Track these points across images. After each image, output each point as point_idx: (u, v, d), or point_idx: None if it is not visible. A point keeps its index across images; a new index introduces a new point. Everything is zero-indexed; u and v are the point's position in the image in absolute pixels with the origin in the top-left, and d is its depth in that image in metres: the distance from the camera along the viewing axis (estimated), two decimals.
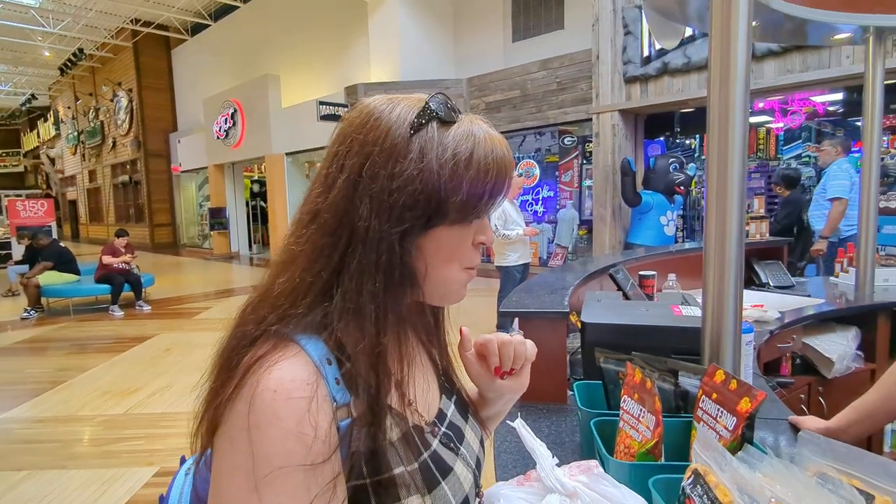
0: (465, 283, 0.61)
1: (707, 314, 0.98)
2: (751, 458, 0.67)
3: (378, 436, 0.52)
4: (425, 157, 0.54)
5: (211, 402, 0.51)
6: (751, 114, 9.13)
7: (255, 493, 0.46)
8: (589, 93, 8.41)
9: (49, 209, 12.28)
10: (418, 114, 0.55)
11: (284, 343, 0.51)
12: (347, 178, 0.54)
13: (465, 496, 0.59)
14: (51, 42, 17.22)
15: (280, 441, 0.46)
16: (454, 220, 0.56)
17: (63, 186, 25.23)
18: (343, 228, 0.54)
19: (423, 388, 0.64)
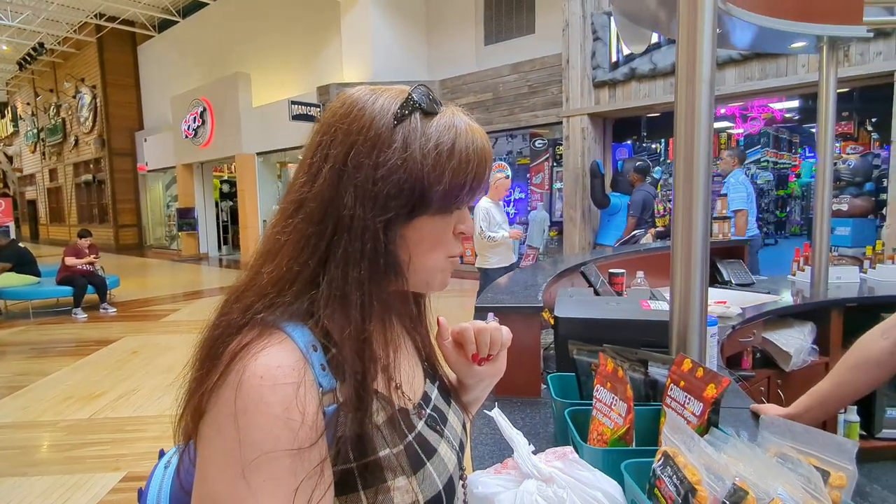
0: (448, 272, 0.63)
1: (675, 307, 1.03)
2: (716, 440, 0.71)
3: (364, 420, 0.53)
4: (409, 147, 0.55)
5: (195, 391, 0.51)
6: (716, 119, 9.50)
7: (243, 478, 0.46)
8: (559, 96, 8.55)
9: (6, 208, 11.84)
10: (401, 104, 0.57)
11: (270, 330, 0.52)
12: (332, 168, 0.55)
13: (449, 476, 0.60)
14: (9, 35, 16.61)
15: (267, 427, 0.47)
16: (437, 210, 0.57)
17: (21, 185, 24.37)
18: (328, 217, 0.55)
19: (409, 372, 0.66)
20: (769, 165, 12.48)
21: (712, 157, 1.03)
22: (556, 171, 9.48)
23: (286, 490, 0.47)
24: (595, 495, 0.71)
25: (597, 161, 8.03)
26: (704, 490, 0.63)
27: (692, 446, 0.68)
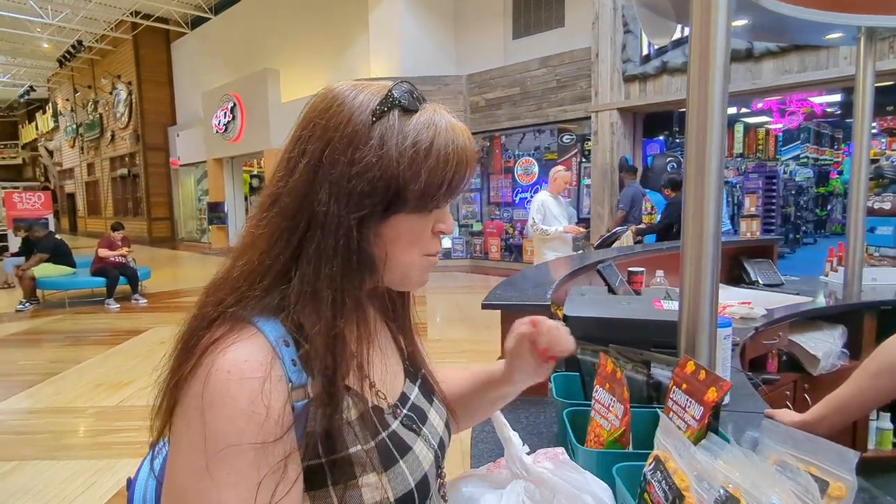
0: (425, 269, 0.63)
1: (684, 308, 0.99)
2: (713, 445, 0.69)
3: (334, 416, 0.53)
4: (385, 145, 0.54)
5: (169, 384, 0.52)
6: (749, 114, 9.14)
7: (207, 471, 0.47)
8: (588, 91, 8.43)
9: (46, 201, 12.25)
10: (380, 101, 0.56)
11: (241, 325, 0.52)
12: (308, 163, 0.55)
13: (423, 474, 0.60)
14: (49, 33, 17.15)
15: (232, 420, 0.47)
16: (413, 209, 0.57)
17: (61, 179, 25.20)
18: (302, 212, 0.55)
19: (387, 371, 0.66)
20: (809, 162, 12.08)
21: (726, 151, 0.99)
22: (583, 166, 9.33)
23: (249, 483, 0.47)
24: (583, 498, 0.70)
25: (626, 157, 7.90)
26: (692, 497, 0.61)
27: (683, 451, 0.66)
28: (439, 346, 5.13)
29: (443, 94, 10.48)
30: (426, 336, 5.61)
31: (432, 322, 6.21)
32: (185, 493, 0.48)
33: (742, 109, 9.60)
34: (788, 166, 11.39)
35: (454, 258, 11.03)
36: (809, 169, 11.85)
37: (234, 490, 0.47)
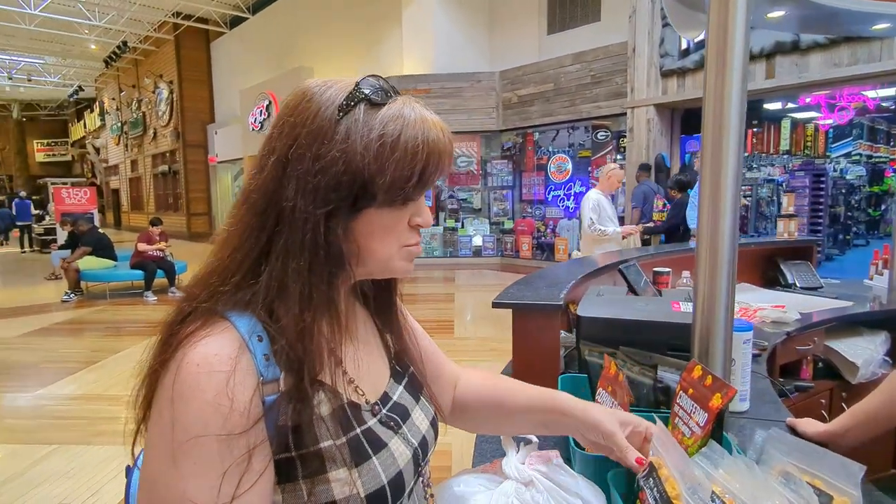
0: (407, 258, 0.63)
1: (698, 310, 0.94)
2: (713, 454, 0.67)
3: (303, 411, 0.54)
4: (350, 139, 0.54)
5: (147, 376, 0.54)
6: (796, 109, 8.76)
7: (173, 460, 0.48)
8: (624, 87, 8.25)
9: (91, 197, 12.74)
10: (347, 96, 0.56)
11: (214, 319, 0.54)
12: (276, 160, 0.56)
13: (398, 471, 0.60)
14: (96, 35, 17.80)
15: (198, 412, 0.49)
16: (383, 202, 0.57)
17: (107, 175, 26.13)
18: (271, 209, 0.55)
19: (368, 369, 0.66)
20: (861, 159, 11.53)
21: (745, 148, 0.94)
22: (619, 164, 9.16)
23: (214, 474, 0.49)
24: (574, 502, 0.69)
25: (662, 154, 7.69)
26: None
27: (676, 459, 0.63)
28: (467, 345, 5.10)
29: (475, 90, 10.43)
30: (452, 334, 5.59)
31: (459, 320, 6.19)
32: (154, 482, 0.50)
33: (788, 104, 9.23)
34: (839, 164, 10.90)
35: (484, 256, 10.96)
36: (862, 166, 11.32)
37: (198, 480, 0.48)
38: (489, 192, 11.34)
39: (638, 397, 0.96)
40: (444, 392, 0.84)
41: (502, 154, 11.12)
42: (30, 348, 5.54)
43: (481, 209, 11.43)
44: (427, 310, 6.89)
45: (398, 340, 0.74)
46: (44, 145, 32.06)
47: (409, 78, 10.59)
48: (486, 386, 0.84)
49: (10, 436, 3.43)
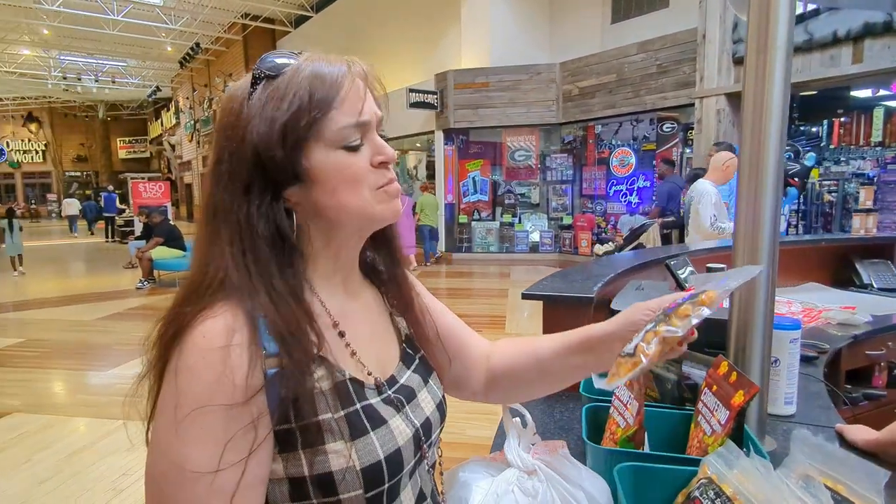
0: (386, 201, 0.63)
1: (734, 306, 0.85)
2: (729, 454, 0.62)
3: (302, 385, 0.55)
4: (250, 117, 0.57)
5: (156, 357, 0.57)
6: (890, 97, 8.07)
7: (175, 426, 0.51)
8: (692, 76, 7.85)
9: (166, 191, 13.49)
10: (250, 81, 0.59)
11: (225, 300, 0.56)
12: (213, 163, 0.60)
13: (396, 448, 0.61)
14: (172, 38, 18.81)
15: (202, 383, 0.51)
16: (308, 154, 0.58)
17: (181, 171, 27.62)
18: (208, 208, 0.60)
19: (376, 349, 0.68)
20: None
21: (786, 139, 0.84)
22: (685, 157, 8.73)
23: (216, 442, 0.51)
24: (575, 494, 0.67)
25: (735, 146, 7.25)
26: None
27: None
28: None
29: (534, 83, 10.26)
30: (504, 329, 5.53)
31: (512, 316, 6.11)
32: (159, 449, 0.53)
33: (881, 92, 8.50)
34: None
35: (542, 252, 10.81)
36: None
37: (199, 448, 0.51)
38: (548, 186, 11.14)
39: (662, 393, 0.90)
40: (474, 367, 0.83)
41: (562, 148, 10.90)
42: (106, 331, 5.93)
43: (539, 204, 11.25)
44: (479, 304, 6.86)
45: (412, 323, 0.75)
46: (125, 143, 34.33)
47: (467, 72, 10.55)
48: (518, 345, 0.84)
49: (87, 410, 3.70)
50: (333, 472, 0.56)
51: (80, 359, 4.96)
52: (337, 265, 0.66)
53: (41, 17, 15.96)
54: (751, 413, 0.79)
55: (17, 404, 3.79)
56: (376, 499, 0.59)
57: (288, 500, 0.57)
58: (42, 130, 32.82)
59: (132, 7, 15.58)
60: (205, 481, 0.51)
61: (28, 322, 6.43)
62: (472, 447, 2.83)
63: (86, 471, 2.83)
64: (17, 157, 32.42)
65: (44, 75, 23.94)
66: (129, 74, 25.21)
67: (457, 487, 0.74)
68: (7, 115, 32.21)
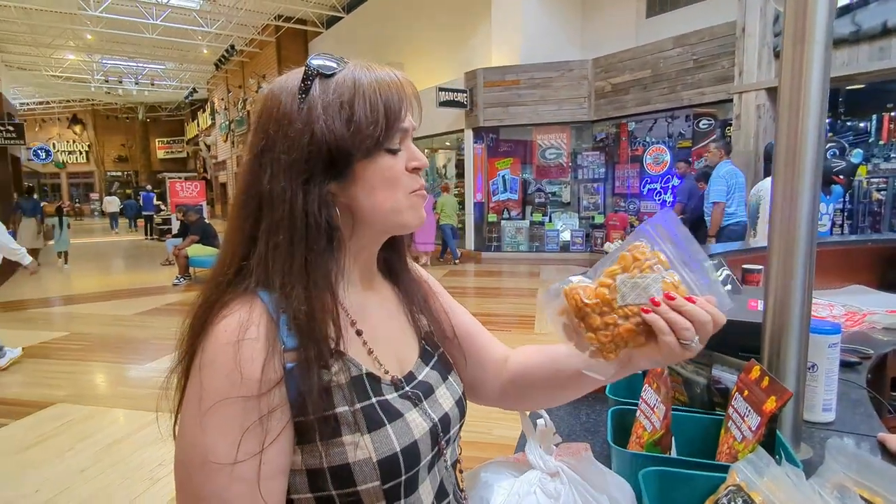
0: (417, 207, 0.66)
1: (768, 308, 0.82)
2: (759, 461, 0.60)
3: (319, 378, 0.57)
4: (312, 112, 0.60)
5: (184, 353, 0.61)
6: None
7: (199, 419, 0.54)
8: (730, 70, 7.62)
9: (201, 190, 13.82)
10: (302, 78, 0.61)
11: (244, 296, 0.59)
12: (253, 157, 0.62)
13: (413, 441, 0.62)
14: (208, 40, 19.24)
15: (223, 377, 0.54)
16: (364, 155, 0.61)
17: (216, 170, 28.21)
18: (252, 199, 0.61)
19: (394, 344, 0.70)
20: None
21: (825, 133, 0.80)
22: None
23: (235, 433, 0.54)
24: (598, 498, 0.66)
25: (772, 143, 7.00)
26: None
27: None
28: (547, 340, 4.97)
29: (566, 79, 10.14)
30: (532, 329, 5.49)
31: (541, 316, 6.05)
32: (185, 440, 0.56)
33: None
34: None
35: (573, 251, 10.68)
36: None
37: (220, 437, 0.53)
38: (579, 185, 11.00)
39: (691, 397, 0.87)
40: (489, 370, 0.83)
41: (594, 145, 10.74)
42: (143, 326, 6.11)
43: (570, 203, 11.12)
44: (508, 304, 6.82)
45: (434, 322, 0.77)
46: (164, 143, 35.35)
47: (497, 70, 10.50)
48: (537, 350, 0.83)
49: (125, 402, 3.82)
50: (350, 463, 0.57)
51: (119, 352, 5.12)
52: (356, 262, 0.68)
53: (85, 23, 16.54)
54: (785, 419, 0.76)
55: (61, 395, 3.94)
56: (393, 491, 0.59)
57: (307, 490, 0.58)
58: (85, 132, 34.06)
59: (170, 11, 16.01)
60: (227, 471, 0.53)
61: (73, 316, 6.67)
62: (498, 447, 2.82)
63: (124, 460, 2.92)
64: (63, 158, 33.72)
65: (87, 79, 24.83)
66: (167, 77, 25.92)
67: (478, 487, 0.73)
68: (53, 117, 33.53)
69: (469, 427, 0.75)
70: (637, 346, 0.58)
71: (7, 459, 2.97)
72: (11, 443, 3.18)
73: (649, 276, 0.56)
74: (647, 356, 0.59)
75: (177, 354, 0.61)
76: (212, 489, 0.54)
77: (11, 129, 12.68)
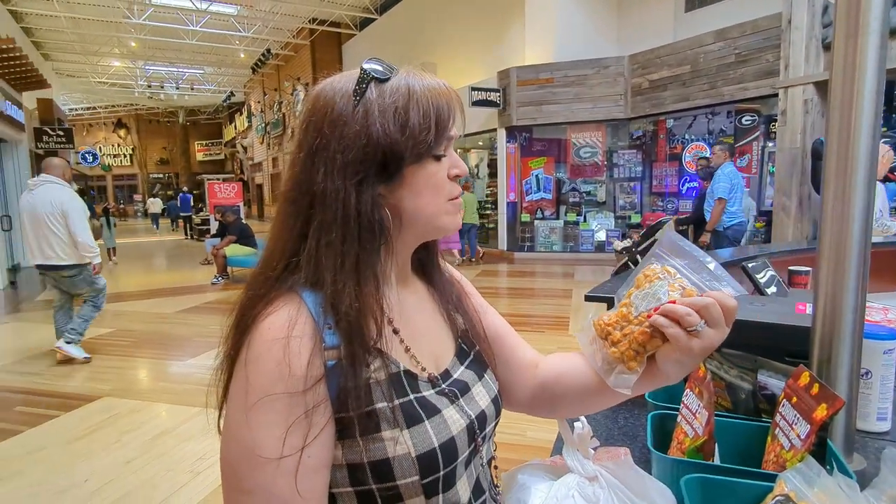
0: (454, 213, 0.68)
1: (818, 312, 0.78)
2: (809, 471, 0.57)
3: (359, 375, 0.58)
4: (368, 114, 0.61)
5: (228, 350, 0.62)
6: None
7: (245, 414, 0.56)
8: (775, 64, 7.30)
9: (238, 191, 14.12)
10: (357, 80, 0.63)
11: (288, 294, 0.60)
12: (305, 154, 0.63)
13: (450, 437, 0.63)
14: (245, 45, 19.69)
15: (268, 373, 0.55)
16: (414, 159, 0.62)
17: (252, 172, 28.85)
18: (304, 196, 0.62)
19: (430, 342, 0.71)
20: None
21: (881, 127, 0.76)
22: (767, 151, 8.20)
23: (281, 428, 0.55)
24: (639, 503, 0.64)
25: (821, 139, 6.72)
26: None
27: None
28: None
29: (601, 77, 9.99)
30: (567, 330, 5.43)
31: (576, 317, 5.99)
32: (231, 435, 0.58)
33: None
34: None
35: (608, 251, 10.51)
36: None
37: (266, 433, 0.55)
38: (615, 184, 10.82)
39: (735, 402, 0.84)
40: (519, 374, 0.82)
41: (630, 144, 10.55)
42: (184, 323, 6.29)
43: (606, 202, 10.95)
44: (542, 305, 6.76)
45: (468, 320, 0.77)
46: (203, 146, 36.34)
47: (531, 68, 10.42)
48: (569, 357, 0.81)
49: (168, 396, 3.93)
50: (390, 458, 0.58)
51: (162, 349, 5.28)
52: (394, 262, 0.69)
53: (129, 31, 17.14)
54: (836, 428, 0.73)
55: (108, 389, 4.09)
56: (432, 485, 0.60)
57: (348, 484, 0.60)
58: (130, 136, 35.31)
59: (209, 17, 16.44)
60: (272, 465, 0.55)
61: (118, 313, 6.91)
62: (533, 450, 2.80)
63: (168, 453, 3.01)
64: (108, 161, 35.03)
65: (131, 84, 25.71)
66: (206, 81, 26.63)
67: (515, 489, 0.73)
68: (99, 122, 34.86)
69: (503, 429, 0.75)
70: (655, 348, 0.61)
71: (59, 450, 3.10)
72: (63, 434, 3.31)
73: (657, 283, 0.61)
74: (668, 357, 0.61)
75: (221, 350, 0.63)
76: (257, 483, 0.55)
77: (62, 134, 13.24)
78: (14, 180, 11.62)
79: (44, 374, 4.50)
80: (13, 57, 9.78)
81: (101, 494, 2.60)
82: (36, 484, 2.71)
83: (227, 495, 0.58)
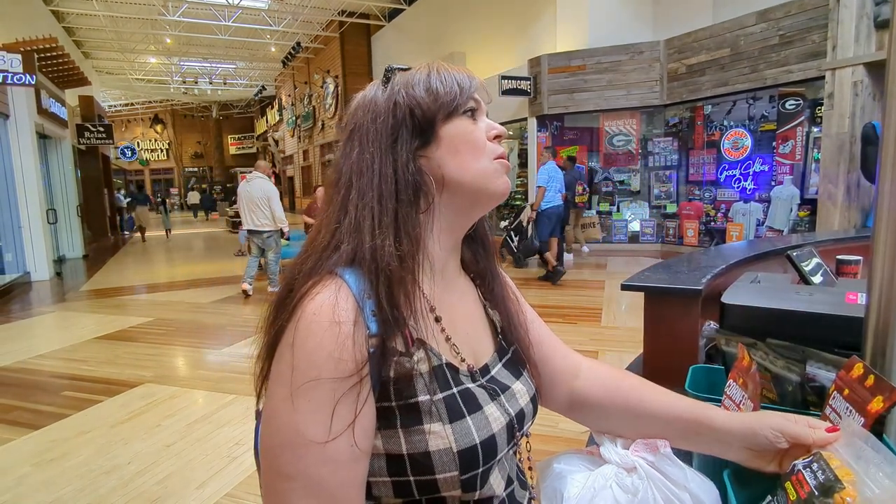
0: (502, 173, 0.68)
1: (872, 301, 0.74)
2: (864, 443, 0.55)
3: (400, 365, 0.58)
4: (394, 90, 0.66)
5: (269, 333, 0.61)
6: None
7: (291, 399, 0.55)
8: (822, 45, 6.96)
9: None
10: (384, 74, 0.69)
11: (329, 277, 0.59)
12: (344, 140, 0.67)
13: (491, 434, 0.62)
14: (276, 39, 19.91)
15: (314, 357, 0.55)
16: (445, 118, 0.65)
17: (283, 164, 29.24)
18: (343, 175, 0.65)
19: (471, 337, 0.70)
20: None
21: None
22: (811, 137, 7.84)
23: (324, 412, 0.54)
24: (680, 496, 0.62)
25: (873, 123, 6.42)
26: (853, 491, 0.51)
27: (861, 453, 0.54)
28: (613, 334, 4.84)
29: (635, 62, 9.75)
30: (599, 322, 5.36)
31: (608, 309, 5.90)
32: (274, 417, 0.56)
33: None
34: None
35: (643, 242, 10.32)
36: None
37: (311, 416, 0.54)
38: (649, 172, 10.57)
39: (781, 394, 0.81)
40: (557, 380, 0.82)
41: (666, 131, 10.27)
42: (219, 313, 6.44)
43: (640, 191, 10.73)
44: (574, 296, 6.69)
45: (507, 318, 0.76)
46: (235, 139, 37.00)
47: (562, 55, 10.24)
48: (612, 380, 0.80)
49: (204, 384, 4.04)
50: (430, 451, 0.58)
51: (198, 337, 5.42)
52: (442, 248, 0.68)
53: (164, 28, 17.52)
54: (892, 422, 0.69)
55: (148, 375, 4.23)
56: (471, 481, 0.60)
57: (386, 475, 0.59)
58: (166, 131, 36.19)
59: (241, 13, 16.67)
60: (317, 450, 0.54)
61: (157, 303, 7.12)
62: (565, 441, 2.77)
63: (205, 438, 3.09)
64: (146, 156, 36.01)
65: (167, 80, 26.33)
66: (238, 76, 27.06)
67: (551, 478, 0.72)
68: (137, 118, 35.82)
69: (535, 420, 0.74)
70: None
71: (104, 432, 3.22)
72: (106, 418, 3.44)
73: None
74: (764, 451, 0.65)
75: (262, 335, 0.62)
76: (301, 468, 0.55)
77: (102, 130, 13.66)
78: (59, 175, 12.06)
79: (88, 361, 4.68)
80: (56, 56, 10.09)
81: (143, 476, 2.69)
82: (83, 465, 2.82)
83: (266, 480, 0.58)
